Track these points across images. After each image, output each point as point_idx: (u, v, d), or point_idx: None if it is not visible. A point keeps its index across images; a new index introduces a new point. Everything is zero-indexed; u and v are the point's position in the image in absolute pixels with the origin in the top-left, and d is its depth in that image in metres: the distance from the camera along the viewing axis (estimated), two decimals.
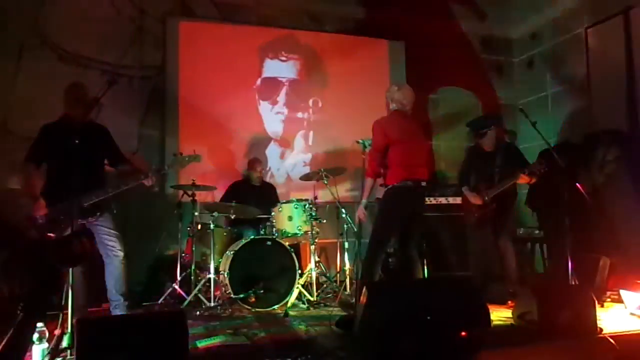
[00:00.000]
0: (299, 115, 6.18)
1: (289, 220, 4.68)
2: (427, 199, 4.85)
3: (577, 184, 4.01)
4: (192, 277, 4.50)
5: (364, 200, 3.91)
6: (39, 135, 3.60)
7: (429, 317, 2.75)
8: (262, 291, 4.27)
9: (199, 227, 4.76)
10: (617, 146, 4.98)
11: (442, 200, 5.46)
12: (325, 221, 4.91)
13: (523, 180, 4.38)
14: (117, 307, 3.62)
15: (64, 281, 2.85)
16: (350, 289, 4.92)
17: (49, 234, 3.39)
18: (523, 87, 6.92)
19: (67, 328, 2.94)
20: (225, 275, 4.33)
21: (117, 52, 5.39)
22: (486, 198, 4.53)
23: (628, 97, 5.33)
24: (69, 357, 2.83)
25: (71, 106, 3.57)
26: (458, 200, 5.21)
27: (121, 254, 3.62)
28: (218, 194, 5.45)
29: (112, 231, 3.62)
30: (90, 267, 3.56)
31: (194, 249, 4.59)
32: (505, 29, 7.03)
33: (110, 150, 3.79)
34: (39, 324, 2.62)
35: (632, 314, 3.82)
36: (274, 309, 4.31)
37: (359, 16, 6.44)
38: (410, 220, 3.85)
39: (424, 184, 3.90)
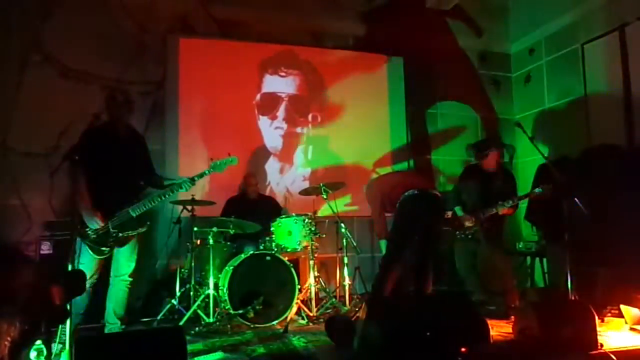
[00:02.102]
0: (298, 130, 6.21)
1: (289, 235, 4.67)
2: None
3: (575, 199, 4.03)
4: (191, 293, 4.48)
5: None
6: (81, 140, 3.36)
7: (428, 333, 2.74)
8: (261, 307, 4.23)
9: (198, 242, 4.76)
10: (615, 160, 4.99)
11: None
12: (324, 236, 4.90)
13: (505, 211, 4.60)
14: (113, 330, 3.53)
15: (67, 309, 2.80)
16: (349, 304, 4.90)
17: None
18: (521, 101, 6.98)
19: (65, 344, 2.92)
20: (225, 291, 4.31)
21: (118, 68, 5.43)
22: (481, 216, 4.63)
23: (625, 112, 5.37)
24: None
25: (114, 112, 3.52)
26: None
27: (129, 279, 3.60)
28: (217, 209, 5.45)
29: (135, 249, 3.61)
30: (97, 284, 3.52)
31: (193, 264, 4.58)
32: (502, 44, 7.11)
33: (146, 160, 3.76)
34: (37, 341, 2.61)
35: (632, 329, 3.82)
36: (273, 324, 4.29)
37: (358, 32, 6.50)
38: (427, 233, 3.85)
39: (435, 192, 3.93)
